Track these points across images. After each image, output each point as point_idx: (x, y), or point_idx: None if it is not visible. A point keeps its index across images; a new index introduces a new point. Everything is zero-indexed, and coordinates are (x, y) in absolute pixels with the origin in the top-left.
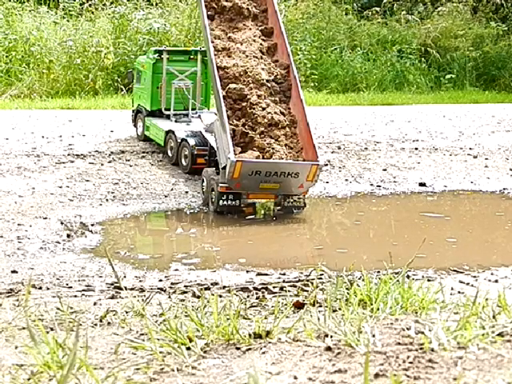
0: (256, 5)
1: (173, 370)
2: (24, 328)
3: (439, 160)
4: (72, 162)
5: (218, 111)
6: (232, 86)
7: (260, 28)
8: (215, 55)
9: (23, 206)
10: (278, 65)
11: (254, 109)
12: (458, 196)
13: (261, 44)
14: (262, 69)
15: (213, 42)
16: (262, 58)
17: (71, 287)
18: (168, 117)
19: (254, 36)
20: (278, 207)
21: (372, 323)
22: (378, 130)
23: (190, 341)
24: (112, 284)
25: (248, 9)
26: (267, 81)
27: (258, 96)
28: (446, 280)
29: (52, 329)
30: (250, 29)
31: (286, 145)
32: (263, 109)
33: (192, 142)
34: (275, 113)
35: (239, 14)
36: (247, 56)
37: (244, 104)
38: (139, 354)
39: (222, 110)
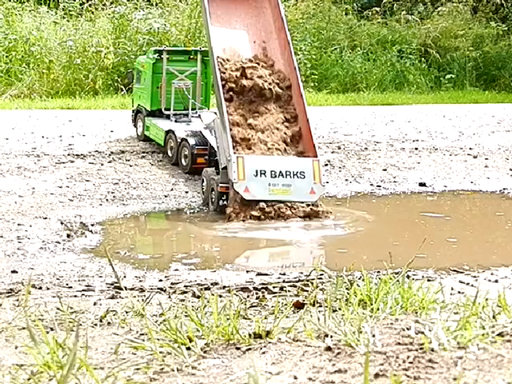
0: (279, 81)
1: (173, 370)
2: (24, 328)
3: (439, 160)
4: (72, 162)
5: (219, 110)
6: None
7: (284, 114)
8: (233, 147)
9: (23, 206)
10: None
11: None
12: (458, 196)
13: (284, 133)
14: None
15: (231, 130)
16: (285, 150)
17: (71, 287)
18: (168, 117)
19: (277, 122)
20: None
21: (372, 323)
22: (377, 130)
23: (190, 341)
24: (112, 284)
25: (270, 89)
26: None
27: None
28: (445, 280)
29: (52, 329)
30: (273, 113)
31: None
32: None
33: (192, 141)
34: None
35: (260, 96)
36: (269, 148)
37: None
38: (139, 354)
39: (222, 109)
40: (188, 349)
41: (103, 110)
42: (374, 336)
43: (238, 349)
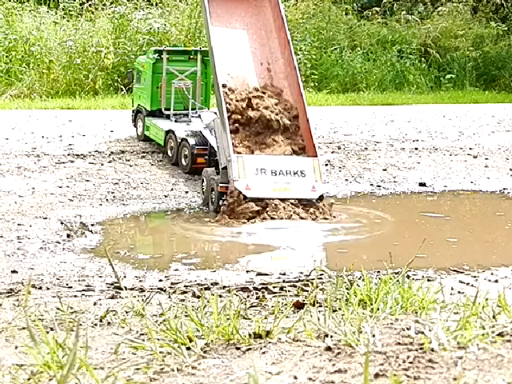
0: (286, 111)
1: (173, 370)
2: (24, 328)
3: (439, 160)
4: (72, 162)
5: (219, 110)
6: None
7: (291, 145)
8: None
9: (23, 206)
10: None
11: None
12: (458, 196)
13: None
14: None
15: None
16: None
17: (71, 287)
18: (168, 117)
19: (285, 154)
20: None
21: (372, 323)
22: (377, 130)
23: (190, 341)
24: (112, 284)
25: (278, 120)
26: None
27: None
28: (445, 280)
29: (52, 329)
30: (280, 145)
31: None
32: None
33: (192, 141)
34: None
35: (267, 127)
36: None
37: None
38: (139, 354)
39: (222, 109)
40: (188, 349)
41: (103, 110)
42: (374, 336)
43: (238, 349)
